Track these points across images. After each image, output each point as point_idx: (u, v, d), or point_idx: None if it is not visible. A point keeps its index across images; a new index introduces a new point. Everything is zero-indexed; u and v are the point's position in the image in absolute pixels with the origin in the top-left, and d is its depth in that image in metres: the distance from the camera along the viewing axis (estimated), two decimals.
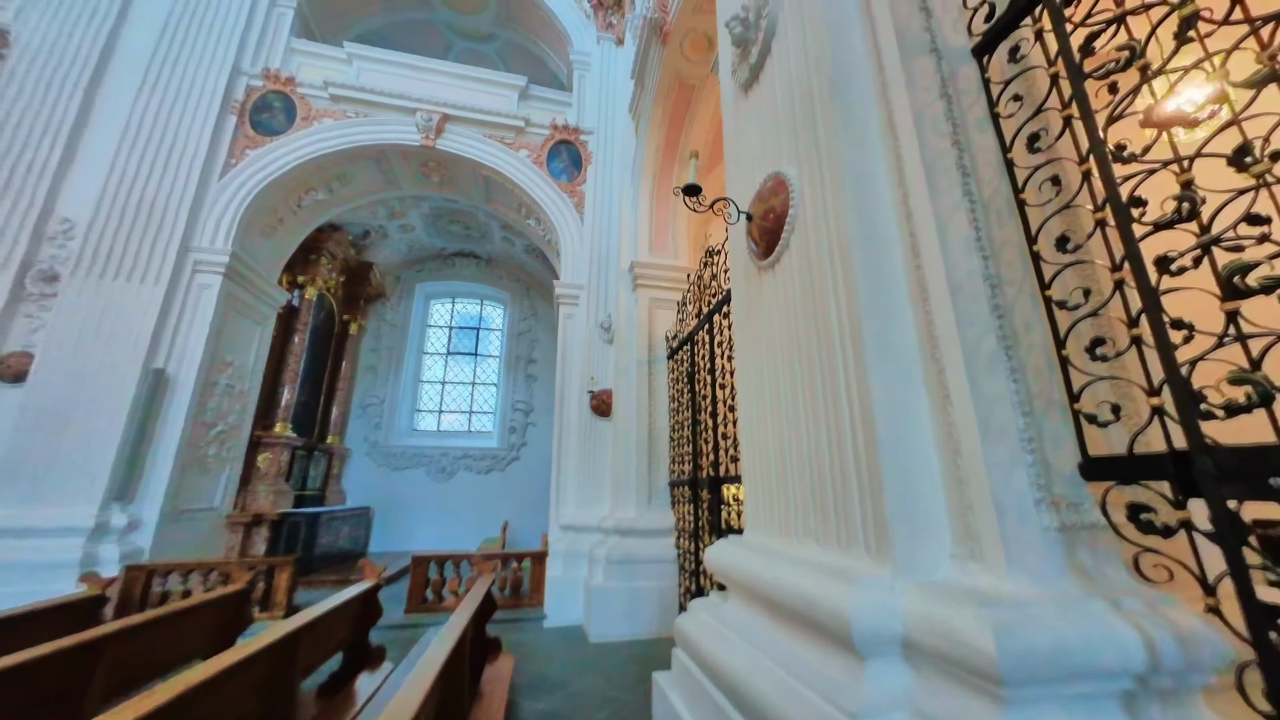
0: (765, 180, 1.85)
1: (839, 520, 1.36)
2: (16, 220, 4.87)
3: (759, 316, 1.94)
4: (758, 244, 1.88)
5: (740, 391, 2.11)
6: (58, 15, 5.49)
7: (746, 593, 1.65)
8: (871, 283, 1.35)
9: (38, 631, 2.80)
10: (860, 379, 1.31)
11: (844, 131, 1.49)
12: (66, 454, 4.51)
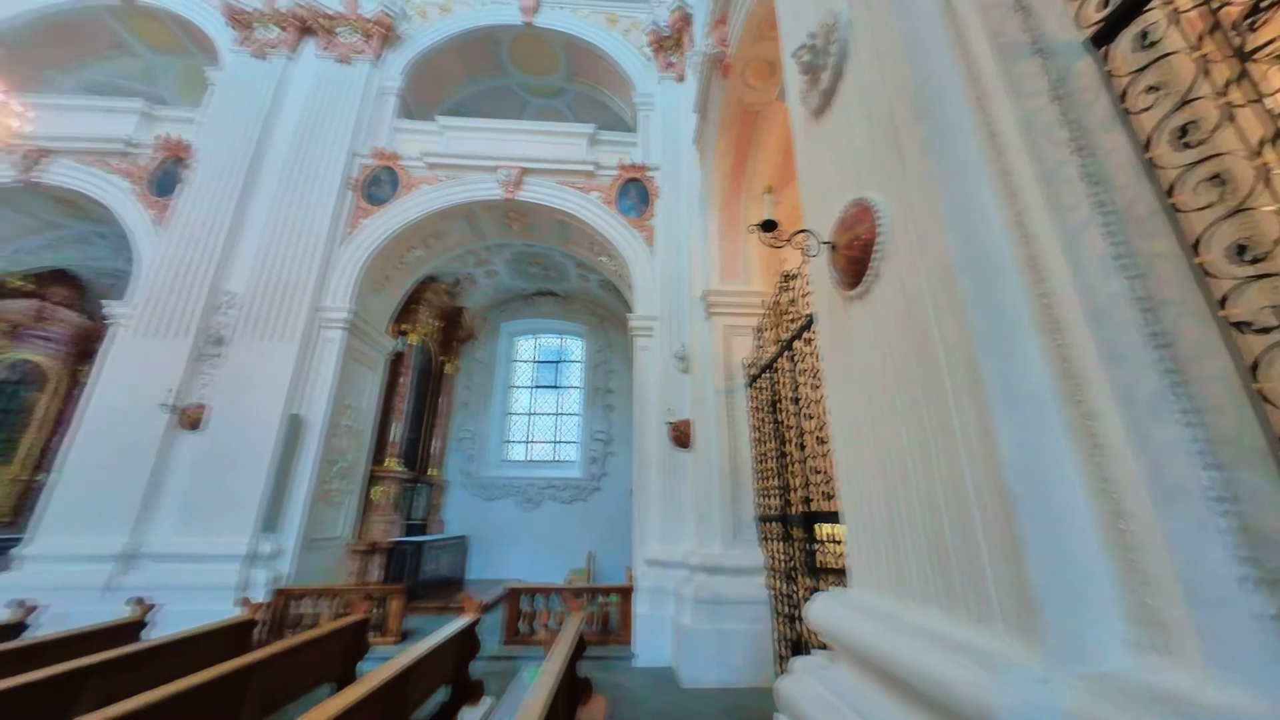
0: (847, 208, 1.76)
1: (967, 587, 1.19)
2: (195, 296, 5.96)
3: (850, 350, 1.82)
4: (843, 274, 1.77)
5: (834, 430, 1.97)
6: (225, 129, 6.78)
7: (858, 660, 1.49)
8: (985, 313, 1.20)
9: (207, 650, 3.25)
10: (981, 424, 1.16)
11: (935, 151, 1.38)
12: (228, 490, 5.30)
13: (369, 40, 7.42)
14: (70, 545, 5.03)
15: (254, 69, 7.12)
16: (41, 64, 7.70)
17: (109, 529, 5.10)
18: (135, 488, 5.25)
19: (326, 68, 7.24)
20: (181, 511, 5.24)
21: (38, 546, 5.03)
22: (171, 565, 4.99)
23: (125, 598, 4.72)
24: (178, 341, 5.76)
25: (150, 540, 5.10)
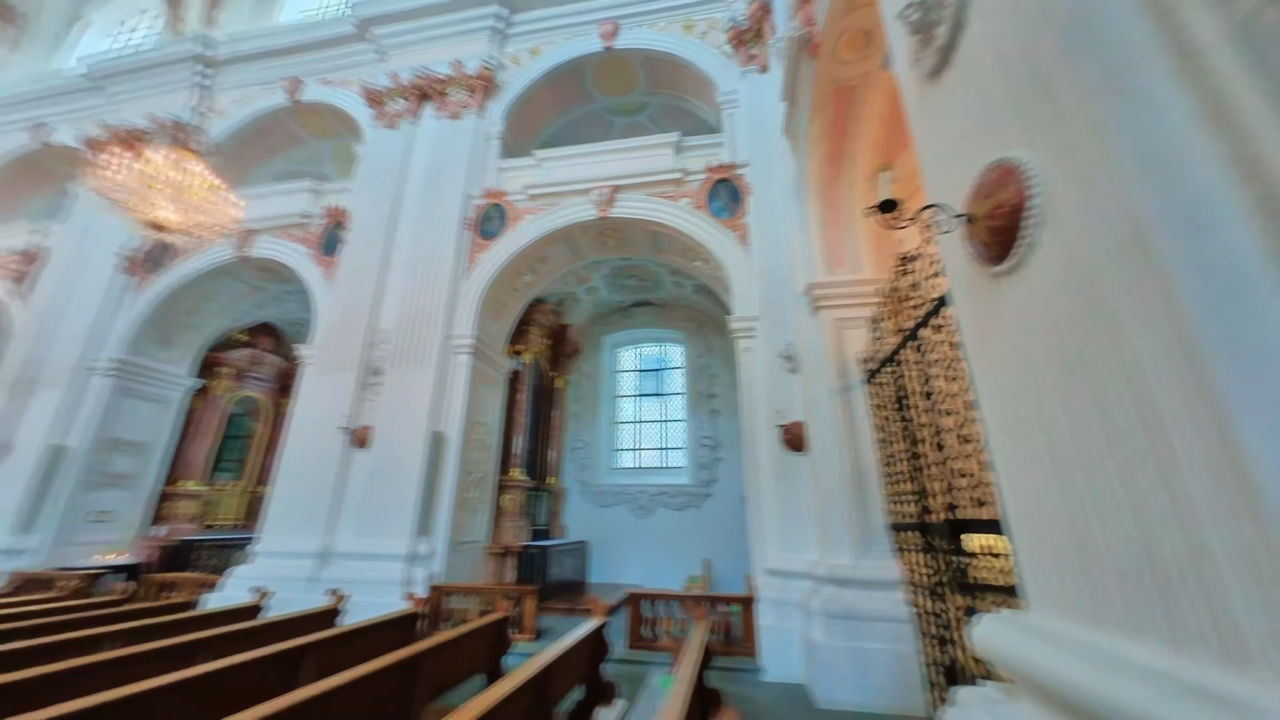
0: (983, 173, 1.54)
1: (1203, 618, 0.95)
2: (357, 335, 7.08)
3: (999, 334, 1.58)
4: (986, 247, 1.55)
5: (987, 428, 1.72)
6: (369, 192, 8.00)
7: (1049, 699, 1.26)
8: (1203, 278, 0.97)
9: (385, 637, 3.80)
10: (1212, 418, 0.93)
11: (1105, 89, 1.15)
12: (390, 498, 6.18)
13: (473, 94, 8.30)
14: (284, 544, 6.23)
15: (387, 138, 8.35)
16: (247, 163, 9.81)
17: (309, 531, 6.23)
18: (324, 497, 6.36)
19: (442, 126, 8.24)
20: (359, 516, 6.22)
21: (264, 545, 6.31)
22: (354, 562, 5.94)
23: (324, 588, 5.72)
24: (347, 375, 6.90)
25: (338, 541, 6.12)
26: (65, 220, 9.40)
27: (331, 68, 9.31)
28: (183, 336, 9.15)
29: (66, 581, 5.54)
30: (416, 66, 8.52)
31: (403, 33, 8.77)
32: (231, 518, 10.26)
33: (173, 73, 9.63)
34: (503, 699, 1.89)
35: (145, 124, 9.36)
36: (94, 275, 8.66)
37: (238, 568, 6.17)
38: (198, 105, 9.47)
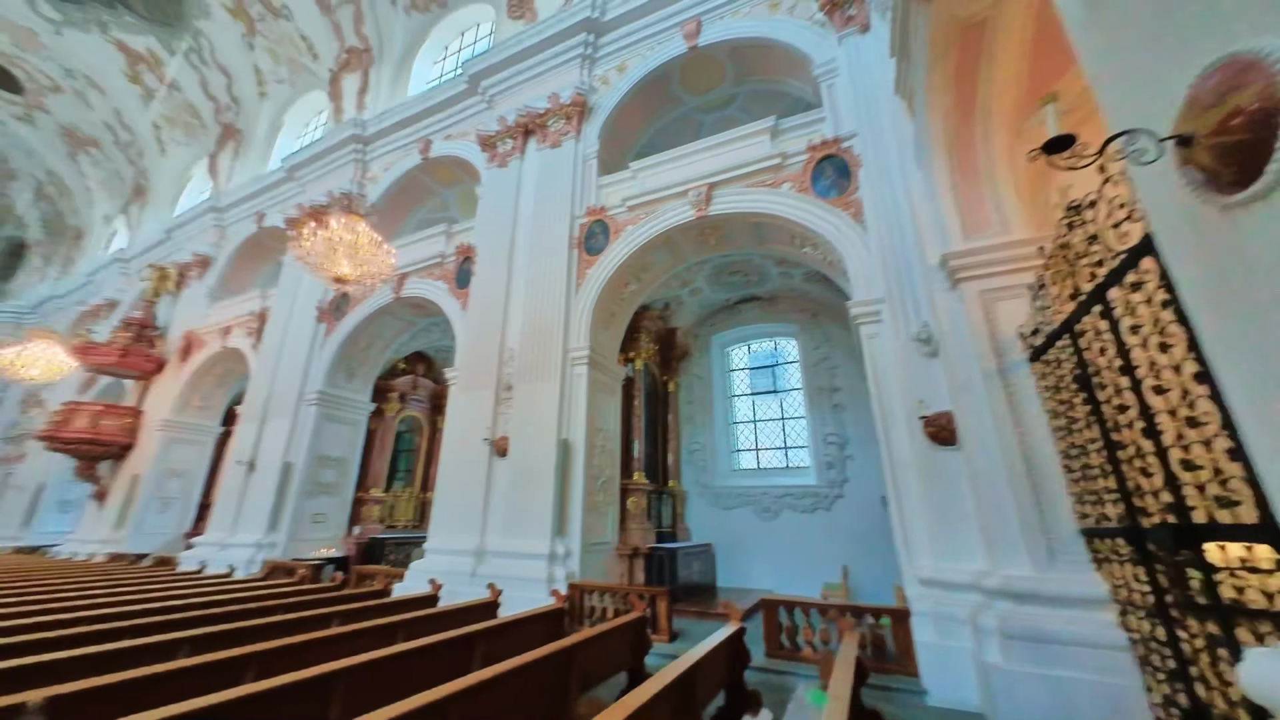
0: (1202, 78, 1.20)
1: None
2: (490, 356, 7.89)
3: (1242, 280, 1.21)
4: (1213, 172, 1.21)
5: (1234, 400, 1.33)
6: (489, 227, 8.93)
7: None
8: None
9: (535, 630, 4.13)
10: None
11: None
12: (528, 502, 6.75)
13: (570, 121, 8.84)
14: (448, 543, 7.15)
15: (500, 177, 9.26)
16: (396, 217, 11.58)
17: (466, 531, 7.07)
18: (476, 501, 7.17)
19: (544, 156, 8.90)
20: (504, 518, 6.90)
21: (432, 543, 7.31)
22: (504, 560, 6.59)
23: (482, 582, 6.42)
24: (486, 392, 7.73)
25: (489, 541, 6.85)
26: (278, 285, 11.98)
27: (452, 124, 10.60)
28: (361, 369, 11.05)
29: (302, 570, 7.00)
30: (519, 106, 9.33)
31: (505, 79, 9.68)
32: (407, 519, 12.08)
33: (339, 153, 11.78)
34: (652, 698, 1.92)
35: (324, 199, 11.57)
36: (301, 325, 10.88)
37: (415, 562, 7.22)
38: (358, 176, 11.45)
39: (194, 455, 13.11)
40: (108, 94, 16.20)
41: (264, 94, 15.01)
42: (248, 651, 2.76)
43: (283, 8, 13.03)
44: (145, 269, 15.12)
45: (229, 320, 12.66)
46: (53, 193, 19.83)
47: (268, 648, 2.83)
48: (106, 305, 16.57)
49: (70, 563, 10.03)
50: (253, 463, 10.11)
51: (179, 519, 12.58)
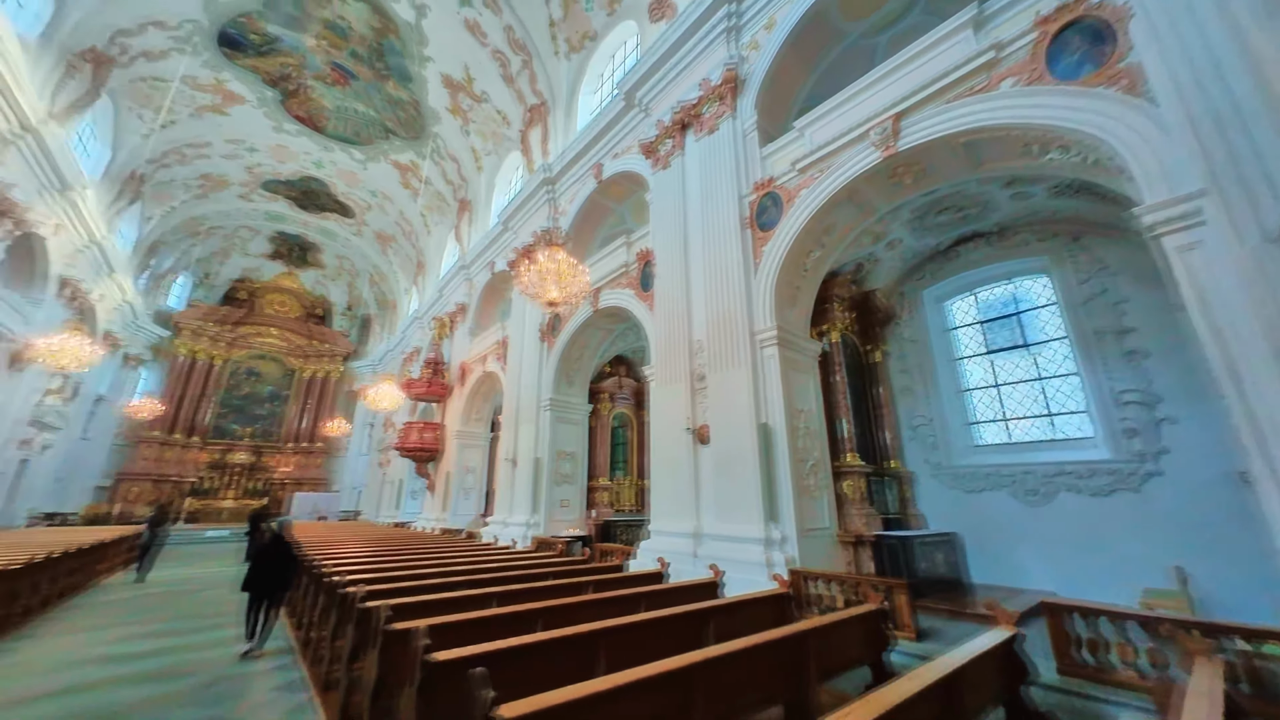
0: None
1: None
2: (680, 350, 8.25)
3: None
4: None
5: None
6: (662, 229, 9.32)
7: None
8: None
9: (761, 612, 4.15)
10: None
11: None
12: (735, 487, 6.83)
13: (723, 101, 8.63)
14: (667, 525, 7.76)
15: (665, 178, 9.61)
16: (584, 240, 13.10)
17: (681, 515, 7.56)
18: (686, 487, 7.60)
19: (703, 145, 8.89)
20: (714, 503, 7.14)
21: (654, 525, 8.03)
22: (719, 543, 6.82)
23: (701, 563, 6.78)
24: (681, 384, 8.13)
25: (704, 524, 7.18)
26: (510, 316, 14.83)
27: (617, 142, 11.47)
28: (577, 376, 12.86)
29: (560, 545, 8.53)
30: (673, 104, 9.53)
31: (656, 83, 10.00)
32: (630, 504, 13.57)
33: (535, 198, 13.94)
34: (913, 697, 1.72)
35: (531, 239, 13.84)
36: (530, 346, 13.26)
37: (643, 542, 8.05)
38: (552, 213, 13.35)
39: (478, 456, 17.21)
40: (394, 200, 22.52)
41: (480, 167, 18.77)
42: (535, 607, 3.48)
43: (482, 94, 16.06)
44: (431, 321, 20.52)
45: (484, 350, 16.24)
46: (377, 279, 28.56)
47: (548, 605, 3.53)
48: (414, 352, 23.04)
49: (422, 534, 14.26)
50: (514, 459, 12.73)
51: (476, 503, 16.69)
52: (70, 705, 4.05)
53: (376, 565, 6.28)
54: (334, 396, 29.09)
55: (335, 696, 3.77)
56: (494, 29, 14.07)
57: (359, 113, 18.11)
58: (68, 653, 5.49)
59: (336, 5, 14.17)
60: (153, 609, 7.87)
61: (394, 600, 3.45)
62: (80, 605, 7.99)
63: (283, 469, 26.52)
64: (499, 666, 2.20)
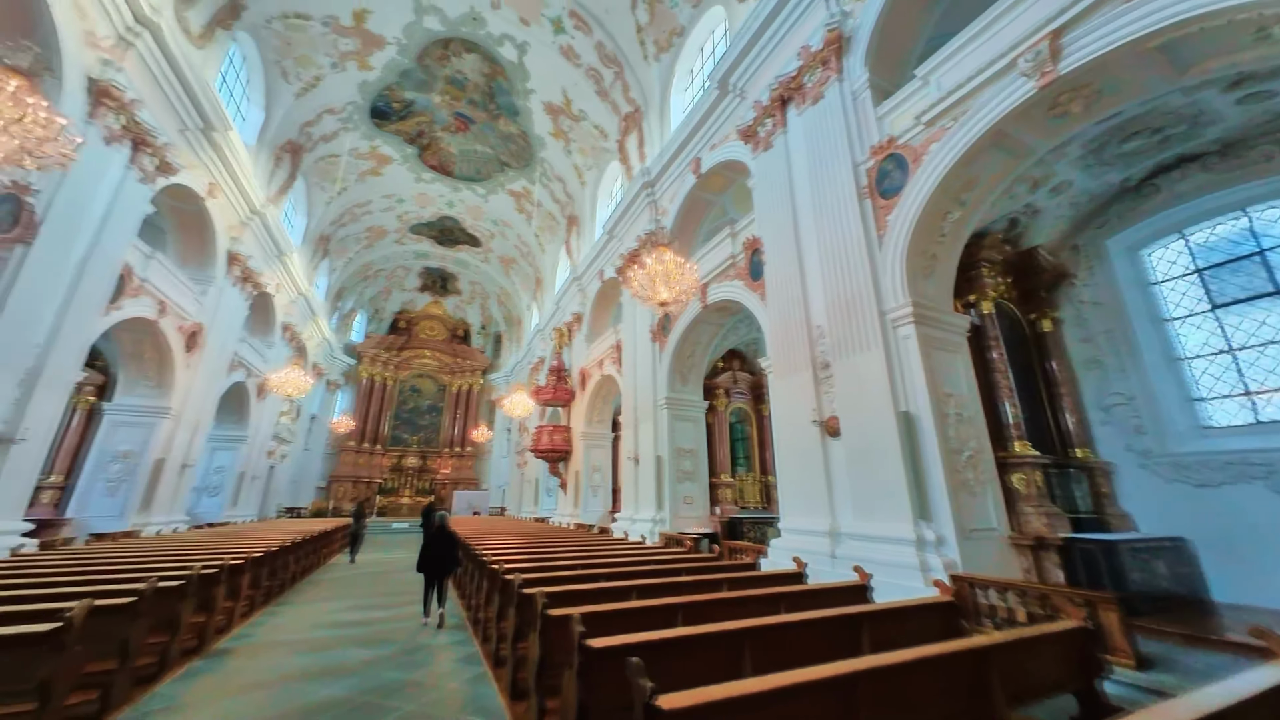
0: None
1: None
2: (799, 338, 7.80)
3: None
4: None
5: None
6: (769, 214, 8.91)
7: None
8: None
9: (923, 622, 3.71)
10: None
11: None
12: (875, 482, 6.23)
13: (827, 66, 7.96)
14: (799, 523, 7.37)
15: (768, 160, 9.17)
16: (687, 238, 13.06)
17: (813, 512, 7.11)
18: (816, 483, 7.14)
19: (807, 117, 8.30)
20: (851, 500, 6.60)
21: (784, 523, 7.68)
22: (861, 543, 6.28)
23: (842, 564, 6.31)
24: (802, 374, 7.68)
25: (841, 522, 6.68)
26: (622, 320, 15.39)
27: (713, 133, 11.26)
28: (691, 373, 12.87)
29: (688, 541, 8.61)
30: (770, 81, 9.06)
31: (750, 64, 9.59)
32: (755, 501, 13.19)
33: (636, 203, 14.28)
34: None
35: (635, 243, 14.22)
36: (642, 348, 13.62)
37: (774, 540, 7.75)
38: (654, 215, 13.57)
39: (603, 455, 18.14)
40: (512, 226, 24.81)
41: (583, 183, 19.81)
42: (675, 602, 3.53)
43: (580, 112, 16.95)
44: (551, 332, 22.19)
45: (601, 355, 17.08)
46: (504, 299, 31.73)
47: (687, 601, 3.56)
48: (539, 361, 25.10)
49: (560, 528, 15.44)
50: (636, 458, 13.17)
51: (604, 500, 17.60)
52: (318, 659, 5.13)
53: (527, 555, 6.94)
54: (477, 406, 32.97)
55: (505, 672, 4.23)
56: (586, 49, 14.74)
57: (478, 152, 20.29)
58: (311, 617, 6.97)
59: (454, 61, 16.05)
60: (362, 586, 9.64)
61: (548, 588, 3.77)
62: (315, 581, 10.11)
63: (443, 470, 30.76)
64: (650, 657, 2.26)
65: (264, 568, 7.52)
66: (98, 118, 8.81)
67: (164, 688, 4.33)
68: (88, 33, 8.39)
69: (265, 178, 15.95)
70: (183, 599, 4.82)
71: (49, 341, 8.62)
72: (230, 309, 15.25)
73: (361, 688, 4.30)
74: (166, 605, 4.58)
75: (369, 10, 13.99)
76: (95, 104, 8.71)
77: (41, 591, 4.34)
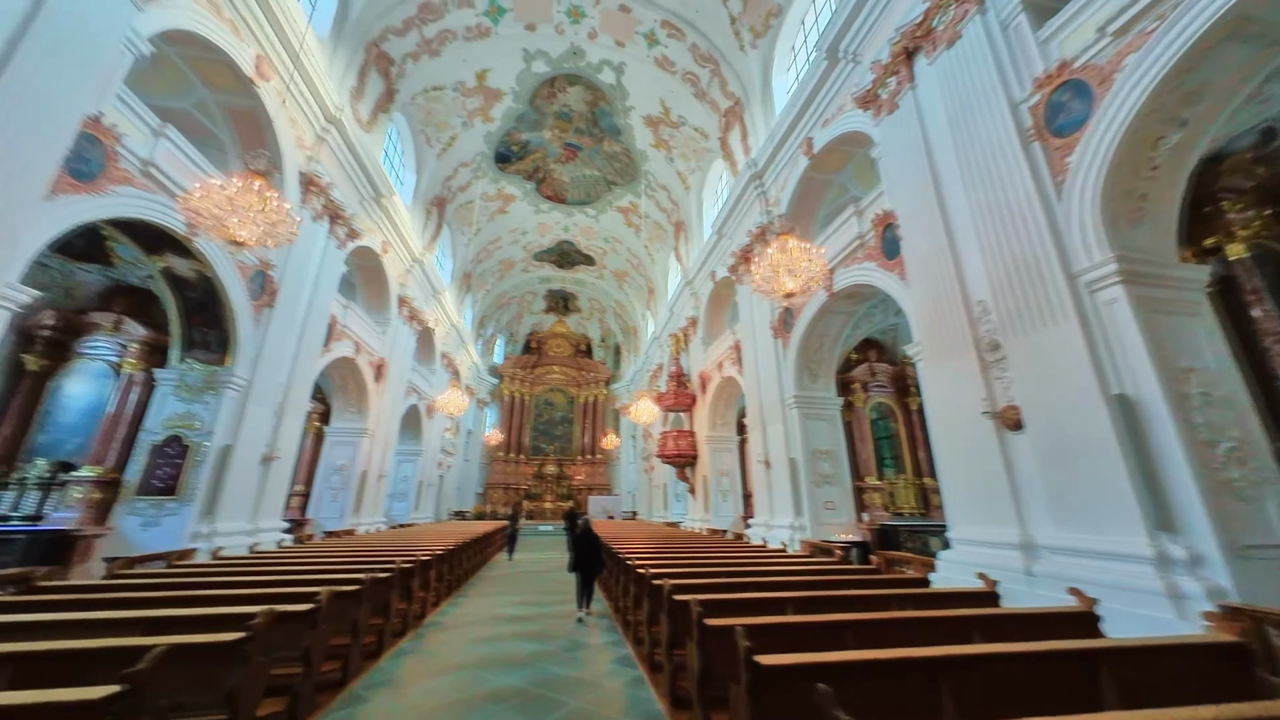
0: None
1: None
2: (956, 316, 6.75)
3: None
4: None
5: None
6: (901, 181, 7.90)
7: None
8: None
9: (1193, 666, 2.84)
10: None
11: None
12: (1083, 484, 5.05)
13: (960, 1, 6.86)
14: (976, 533, 6.30)
15: (894, 123, 8.17)
16: (803, 226, 12.24)
17: (996, 521, 6.02)
18: (996, 486, 6.04)
19: (941, 66, 7.21)
20: (1049, 506, 5.44)
21: (956, 533, 6.63)
22: (1069, 559, 5.12)
23: (1043, 584, 5.22)
24: (962, 359, 6.61)
25: (1038, 533, 5.54)
26: (739, 320, 14.94)
27: (824, 108, 10.42)
28: (820, 368, 11.95)
29: (838, 550, 7.92)
30: (890, 35, 8.09)
31: (863, 23, 8.69)
32: (910, 506, 11.71)
33: (745, 197, 13.80)
34: None
35: (747, 239, 13.74)
36: (764, 346, 13.04)
37: (944, 552, 6.73)
38: (764, 206, 12.99)
39: (730, 459, 17.74)
40: (622, 241, 25.80)
41: (687, 187, 19.83)
42: (841, 619, 3.20)
43: (679, 118, 17.03)
44: (667, 338, 22.46)
45: (719, 357, 16.79)
46: (619, 311, 33.09)
47: (855, 619, 3.19)
48: (658, 368, 25.56)
49: (693, 533, 15.40)
50: (766, 461, 12.59)
51: (735, 505, 17.15)
52: (493, 649, 5.70)
53: (666, 560, 6.98)
54: (603, 415, 34.71)
55: (662, 679, 4.23)
56: (680, 54, 14.78)
57: (587, 176, 21.53)
58: (484, 610, 7.82)
59: (560, 97, 17.28)
60: (522, 583, 10.62)
61: (699, 595, 3.68)
62: (482, 577, 11.40)
63: (578, 477, 32.87)
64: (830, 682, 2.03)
65: (445, 564, 8.67)
66: (307, 202, 11.17)
67: (383, 663, 5.16)
68: (298, 138, 10.71)
69: (420, 230, 18.76)
70: (391, 588, 5.73)
71: (289, 380, 11.07)
72: (403, 344, 18.15)
73: (533, 680, 4.65)
74: (380, 593, 5.48)
75: (488, 69, 15.75)
76: (305, 191, 11.06)
77: (298, 577, 5.50)
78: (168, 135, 7.62)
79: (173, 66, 8.76)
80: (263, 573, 5.95)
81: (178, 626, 3.48)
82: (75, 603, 4.17)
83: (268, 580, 5.36)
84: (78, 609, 3.99)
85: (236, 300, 9.43)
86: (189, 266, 8.83)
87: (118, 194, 6.94)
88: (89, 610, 3.88)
